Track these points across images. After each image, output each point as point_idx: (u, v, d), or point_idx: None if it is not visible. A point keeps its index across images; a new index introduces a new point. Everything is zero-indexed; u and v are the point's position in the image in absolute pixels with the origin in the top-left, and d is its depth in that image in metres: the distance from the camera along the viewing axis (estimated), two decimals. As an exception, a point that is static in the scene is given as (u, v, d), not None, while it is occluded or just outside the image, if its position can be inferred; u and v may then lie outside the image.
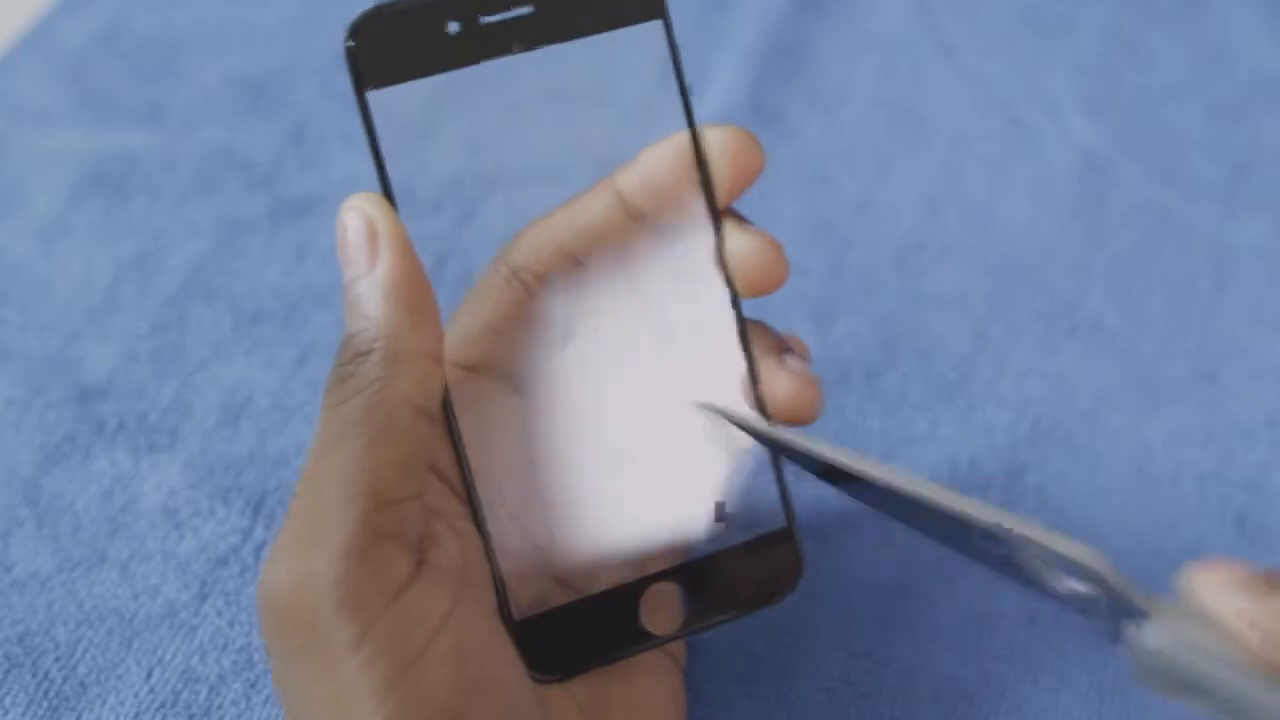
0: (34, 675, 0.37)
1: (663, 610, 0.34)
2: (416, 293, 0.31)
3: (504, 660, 0.31)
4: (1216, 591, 0.26)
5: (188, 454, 0.42)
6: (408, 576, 0.29)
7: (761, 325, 0.35)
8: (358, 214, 0.31)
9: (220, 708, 0.37)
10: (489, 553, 0.32)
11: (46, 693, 0.37)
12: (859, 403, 0.44)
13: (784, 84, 0.55)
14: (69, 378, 0.44)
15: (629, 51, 0.33)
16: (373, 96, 0.31)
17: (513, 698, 0.30)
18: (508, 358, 0.34)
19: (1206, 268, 0.49)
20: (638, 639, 0.33)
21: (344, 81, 0.32)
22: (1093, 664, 0.38)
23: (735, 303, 0.34)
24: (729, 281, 0.34)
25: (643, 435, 0.34)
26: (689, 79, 0.34)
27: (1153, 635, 0.27)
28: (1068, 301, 0.48)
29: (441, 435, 0.32)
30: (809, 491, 0.36)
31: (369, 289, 0.31)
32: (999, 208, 0.51)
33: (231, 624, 0.38)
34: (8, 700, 0.37)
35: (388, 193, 0.32)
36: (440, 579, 0.30)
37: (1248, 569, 0.27)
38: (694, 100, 0.34)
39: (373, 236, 0.31)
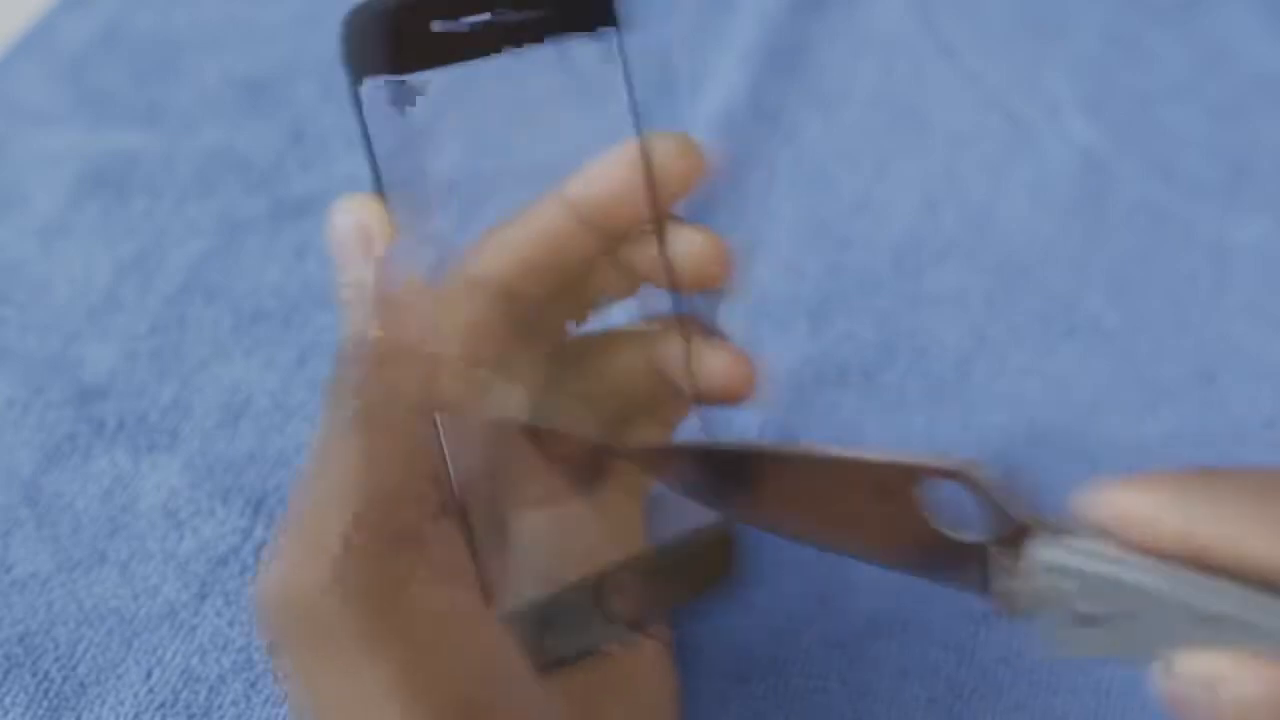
0: (34, 675, 0.37)
1: (627, 601, 0.34)
2: (412, 294, 0.31)
3: (509, 651, 0.31)
4: (1100, 499, 0.26)
5: (188, 454, 0.42)
6: (412, 572, 0.29)
7: (695, 319, 0.36)
8: (349, 215, 0.31)
9: (220, 708, 0.37)
10: (472, 550, 0.32)
11: (46, 693, 0.37)
12: (857, 402, 0.44)
13: (784, 84, 0.55)
14: (69, 378, 0.44)
15: (597, 57, 0.34)
16: (365, 90, 0.32)
17: (521, 688, 0.31)
18: (477, 362, 0.34)
19: (1205, 268, 0.49)
20: (607, 631, 0.34)
21: (344, 81, 0.32)
22: (1091, 665, 0.38)
23: (677, 296, 0.35)
24: (670, 276, 0.35)
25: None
26: (690, 80, 0.34)
27: (1043, 548, 0.27)
28: (1066, 301, 0.48)
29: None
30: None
31: (365, 291, 0.31)
32: (998, 208, 0.51)
33: (231, 624, 0.39)
34: (8, 700, 0.37)
35: (379, 191, 0.32)
36: (442, 574, 0.30)
37: (1127, 479, 0.26)
38: (695, 100, 0.35)
39: (366, 238, 0.31)
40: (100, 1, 0.58)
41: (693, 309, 0.35)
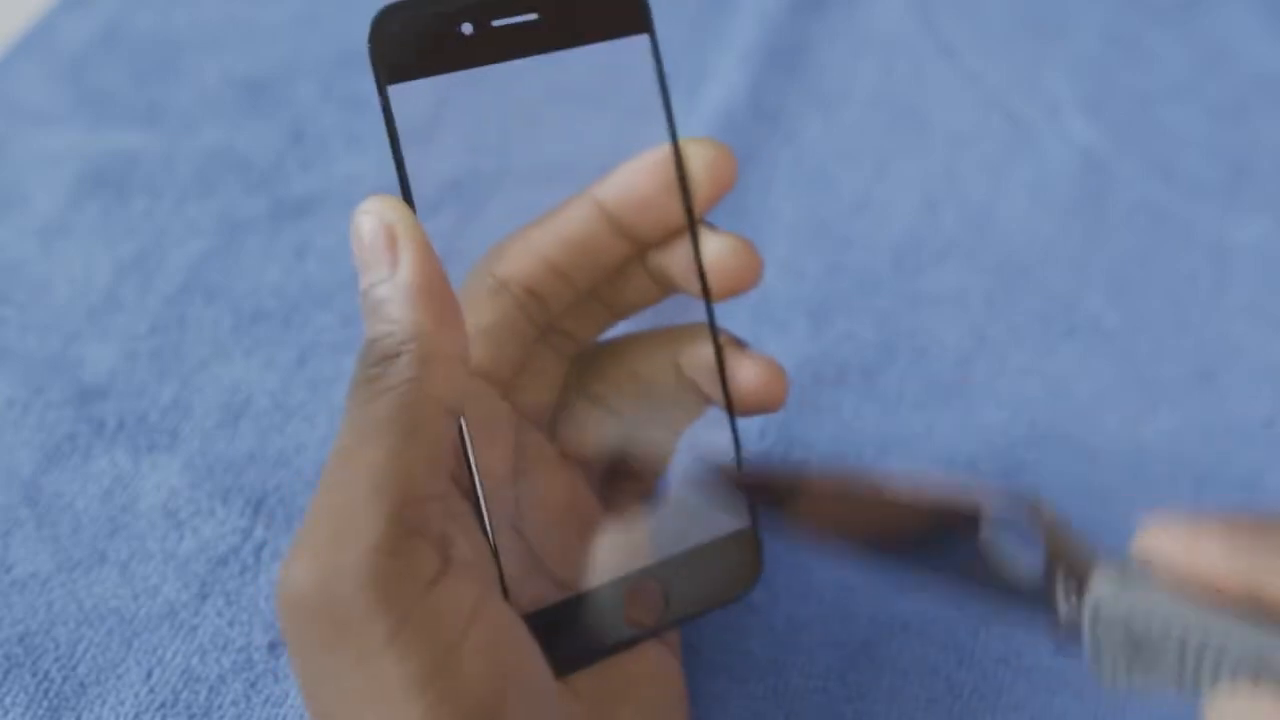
0: (34, 675, 0.37)
1: (644, 605, 0.34)
2: (441, 295, 0.31)
3: (530, 651, 0.31)
4: (1157, 540, 0.27)
5: (188, 454, 0.42)
6: (437, 571, 0.29)
7: (723, 329, 0.36)
8: (373, 217, 0.31)
9: (220, 708, 0.37)
10: (494, 550, 0.32)
11: (46, 693, 0.37)
12: (856, 402, 0.44)
13: (784, 84, 0.55)
14: (69, 378, 0.44)
15: (623, 62, 0.34)
16: (392, 91, 0.32)
17: (541, 687, 0.31)
18: (500, 363, 0.34)
19: (1205, 268, 0.49)
20: (623, 634, 0.34)
21: (344, 81, 0.32)
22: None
23: (708, 303, 0.35)
24: (704, 283, 0.35)
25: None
26: (690, 80, 0.34)
27: (1104, 584, 0.27)
28: (1066, 301, 0.48)
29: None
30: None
31: (392, 292, 0.30)
32: (998, 207, 0.51)
33: (231, 624, 0.39)
34: (8, 700, 0.37)
35: (405, 192, 0.32)
36: (466, 573, 0.30)
37: (1185, 517, 0.27)
38: (694, 100, 0.35)
39: (391, 239, 0.31)
40: (100, 1, 0.58)
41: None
